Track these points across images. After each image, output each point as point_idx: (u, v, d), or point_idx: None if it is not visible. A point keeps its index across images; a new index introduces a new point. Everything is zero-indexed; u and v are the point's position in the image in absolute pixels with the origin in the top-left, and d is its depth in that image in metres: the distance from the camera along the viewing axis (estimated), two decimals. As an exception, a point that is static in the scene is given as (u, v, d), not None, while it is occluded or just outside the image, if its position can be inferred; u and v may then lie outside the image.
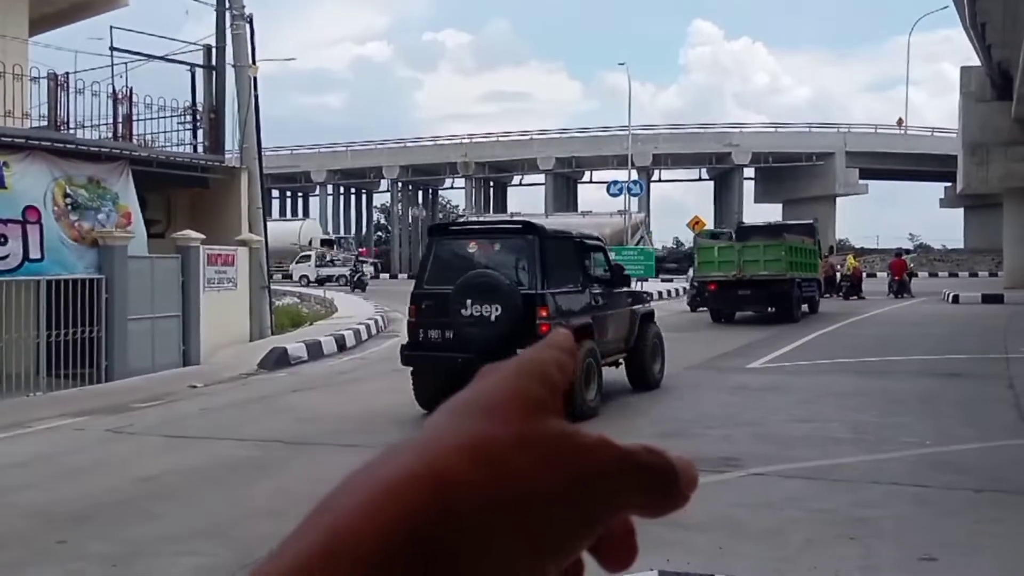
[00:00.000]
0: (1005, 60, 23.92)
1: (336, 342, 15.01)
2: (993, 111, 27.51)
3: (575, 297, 9.02)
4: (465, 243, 9.23)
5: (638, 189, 35.61)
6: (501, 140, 57.06)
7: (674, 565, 4.29)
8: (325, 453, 7.31)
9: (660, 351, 10.57)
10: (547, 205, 55.61)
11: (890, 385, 10.32)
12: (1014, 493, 5.61)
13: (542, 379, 0.42)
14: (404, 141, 60.55)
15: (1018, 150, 27.24)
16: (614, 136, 50.73)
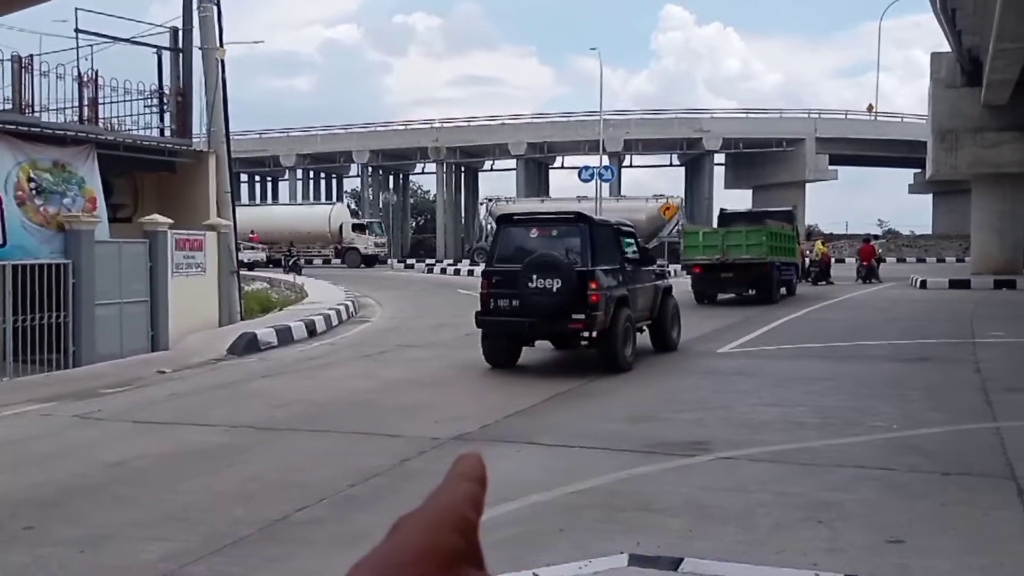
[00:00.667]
0: (975, 46, 24.16)
1: (306, 327, 14.93)
2: (963, 97, 27.75)
3: (614, 273, 10.75)
4: (527, 230, 11.04)
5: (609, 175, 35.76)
6: (472, 125, 56.82)
7: (644, 548, 4.34)
8: (295, 439, 7.30)
9: (677, 320, 12.60)
10: (518, 190, 55.54)
11: (858, 369, 10.46)
12: (980, 476, 5.70)
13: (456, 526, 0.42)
14: (374, 125, 60.11)
15: (987, 136, 27.57)
16: (585, 121, 50.74)
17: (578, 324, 10.12)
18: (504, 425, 7.54)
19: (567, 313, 10.01)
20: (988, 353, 11.56)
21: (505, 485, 5.61)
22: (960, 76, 27.70)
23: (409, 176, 69.66)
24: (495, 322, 10.58)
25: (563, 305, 9.90)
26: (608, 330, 10.28)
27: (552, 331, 10.56)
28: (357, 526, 4.93)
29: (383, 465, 6.22)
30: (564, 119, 55.70)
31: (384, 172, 64.11)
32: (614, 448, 6.62)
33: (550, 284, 9.93)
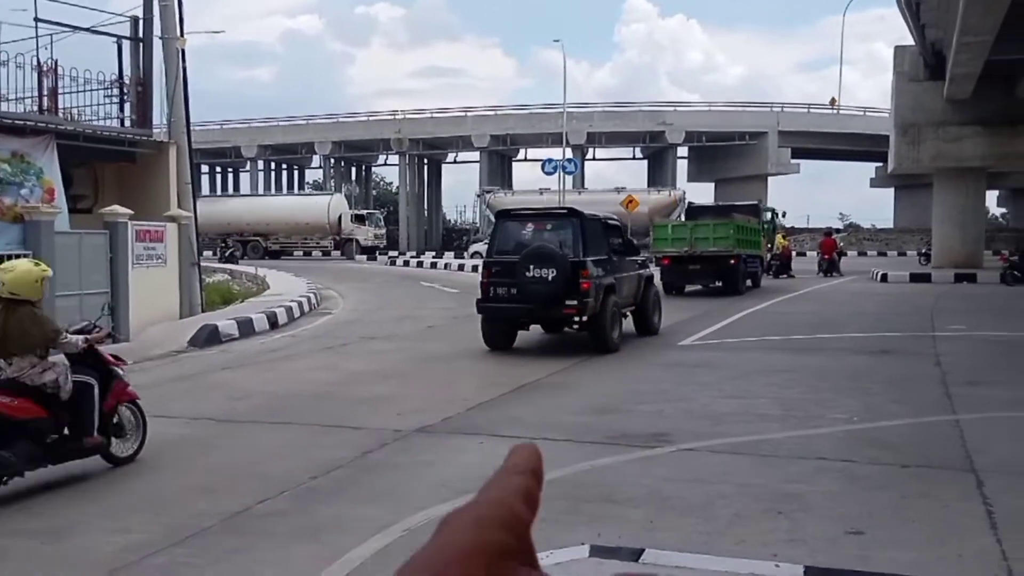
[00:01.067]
0: (939, 40, 24.51)
1: (268, 319, 14.80)
2: (926, 91, 28.13)
3: (603, 263, 11.61)
4: (524, 224, 11.93)
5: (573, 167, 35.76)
6: (435, 116, 56.65)
7: (605, 540, 4.36)
8: (256, 431, 7.27)
9: (658, 306, 13.63)
10: (481, 182, 55.49)
11: (819, 362, 10.60)
12: (940, 468, 5.79)
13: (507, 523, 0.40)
14: (336, 116, 59.66)
15: (950, 130, 27.99)
16: (549, 114, 50.82)
17: (571, 309, 11.11)
18: (467, 417, 7.54)
19: (561, 300, 10.98)
20: (948, 346, 11.78)
21: (468, 477, 5.62)
22: (923, 70, 28.07)
23: (372, 168, 69.31)
24: (495, 308, 11.52)
25: (558, 292, 10.88)
26: (598, 315, 11.26)
27: (547, 316, 11.50)
28: (319, 518, 4.92)
29: (345, 457, 6.20)
30: (527, 111, 55.74)
31: (346, 164, 63.71)
32: (577, 440, 6.65)
33: (546, 273, 10.90)
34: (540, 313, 11.39)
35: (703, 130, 53.11)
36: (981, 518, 4.74)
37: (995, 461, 5.87)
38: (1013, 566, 4.04)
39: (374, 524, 4.72)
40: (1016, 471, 5.65)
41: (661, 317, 13.67)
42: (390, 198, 77.08)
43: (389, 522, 4.74)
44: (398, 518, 4.80)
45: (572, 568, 3.92)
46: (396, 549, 4.38)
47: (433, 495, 5.23)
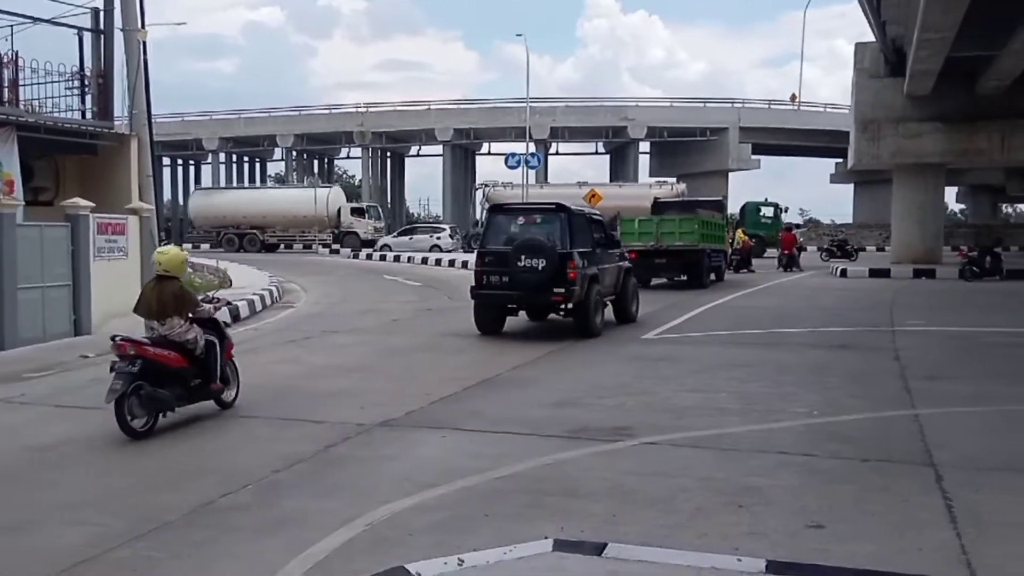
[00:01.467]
0: (900, 36, 24.84)
1: (230, 313, 14.60)
2: (886, 87, 28.51)
3: (588, 255, 12.43)
4: (515, 217, 12.90)
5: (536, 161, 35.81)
6: (398, 109, 56.41)
7: (568, 534, 4.36)
8: (219, 424, 7.20)
9: (636, 296, 14.56)
10: (445, 176, 55.36)
11: (779, 356, 10.70)
12: (899, 462, 5.85)
13: None
14: (299, 109, 59.15)
15: (909, 126, 28.39)
16: (512, 108, 50.83)
17: (559, 297, 12.01)
18: (430, 411, 7.51)
19: (550, 288, 11.85)
20: (907, 341, 11.96)
21: (430, 471, 5.60)
22: (884, 66, 28.44)
23: (334, 161, 68.83)
24: (487, 295, 12.39)
25: (546, 281, 11.76)
26: (582, 302, 12.19)
27: (537, 303, 12.47)
28: (281, 512, 4.88)
29: (307, 451, 6.15)
30: (491, 105, 55.68)
31: (309, 156, 63.19)
32: (539, 434, 6.65)
33: (536, 263, 11.77)
34: (530, 300, 12.31)
35: (665, 125, 53.45)
36: (940, 512, 4.80)
37: (953, 456, 5.95)
38: (972, 559, 4.10)
39: (337, 518, 4.68)
40: (974, 466, 5.74)
41: (639, 306, 14.58)
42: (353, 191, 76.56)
43: (352, 516, 4.71)
44: (361, 512, 4.77)
45: (535, 563, 3.91)
46: (359, 543, 4.35)
47: (396, 489, 5.20)
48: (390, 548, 4.26)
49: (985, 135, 28.08)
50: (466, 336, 12.58)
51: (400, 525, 4.61)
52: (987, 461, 5.88)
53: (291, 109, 58.85)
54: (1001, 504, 4.95)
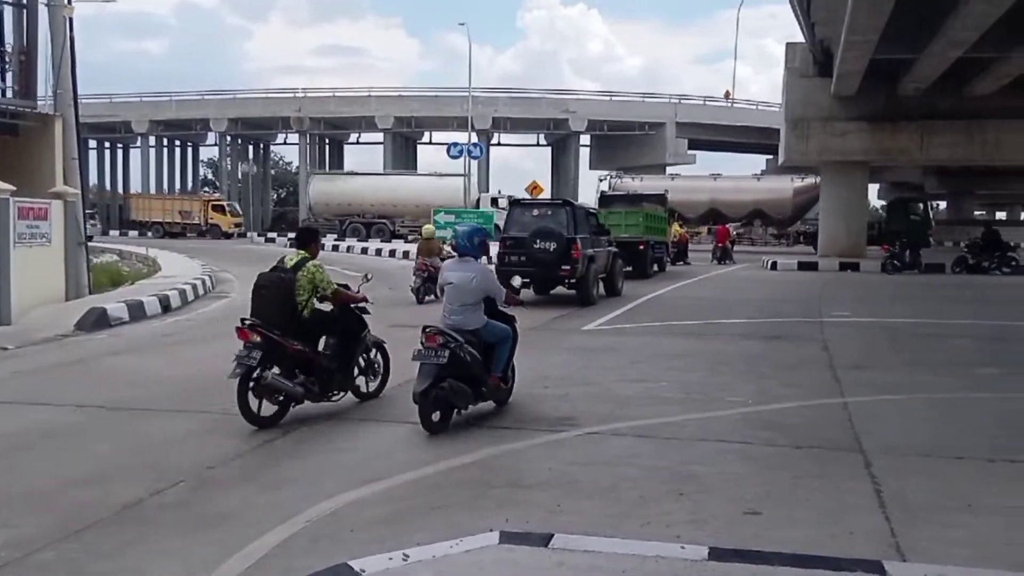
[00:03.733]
0: (827, 38, 25.37)
1: (160, 303, 14.24)
2: (815, 87, 29.18)
3: (588, 240, 15.81)
4: (531, 210, 16.46)
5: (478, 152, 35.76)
6: (338, 96, 55.57)
7: (514, 525, 4.35)
8: (150, 419, 6.96)
9: (621, 274, 18.09)
10: (385, 164, 54.84)
11: (716, 347, 10.87)
12: (831, 449, 6.01)
13: None
14: (234, 92, 57.80)
15: (836, 125, 29.14)
16: (454, 97, 50.56)
17: (565, 272, 15.19)
18: (374, 403, 7.41)
19: (558, 265, 15.06)
20: (835, 332, 12.27)
21: (374, 465, 5.52)
22: (813, 66, 29.05)
23: (270, 146, 67.59)
24: (508, 272, 13.81)
25: (556, 260, 15.00)
26: (583, 277, 15.35)
27: (548, 276, 15.41)
28: (218, 508, 4.75)
29: (245, 446, 6.02)
30: (432, 94, 55.32)
31: (243, 141, 61.93)
32: (484, 425, 6.62)
33: (548, 246, 15.02)
34: (543, 274, 15.25)
35: (605, 119, 53.83)
36: (870, 497, 4.93)
37: (881, 442, 6.13)
38: (901, 542, 4.22)
39: (276, 514, 4.57)
40: (900, 452, 5.91)
41: (623, 283, 17.97)
42: (289, 178, 75.40)
43: (292, 512, 4.60)
44: (302, 508, 4.67)
45: (482, 555, 3.89)
46: (300, 540, 4.26)
47: (339, 483, 5.11)
48: (332, 544, 4.18)
49: (906, 135, 28.98)
50: (408, 328, 12.44)
51: (342, 520, 4.53)
52: (912, 447, 6.08)
53: (225, 92, 57.51)
54: (926, 488, 5.12)
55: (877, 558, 3.95)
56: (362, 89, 56.22)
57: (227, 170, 59.95)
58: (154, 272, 20.38)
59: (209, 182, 75.38)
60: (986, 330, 13.08)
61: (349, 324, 7.30)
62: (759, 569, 3.79)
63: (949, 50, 21.68)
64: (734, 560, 3.87)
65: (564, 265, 15.00)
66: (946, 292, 19.79)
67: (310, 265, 6.94)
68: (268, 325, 6.65)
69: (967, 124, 28.39)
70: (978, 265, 25.98)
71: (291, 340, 6.70)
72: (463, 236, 7.07)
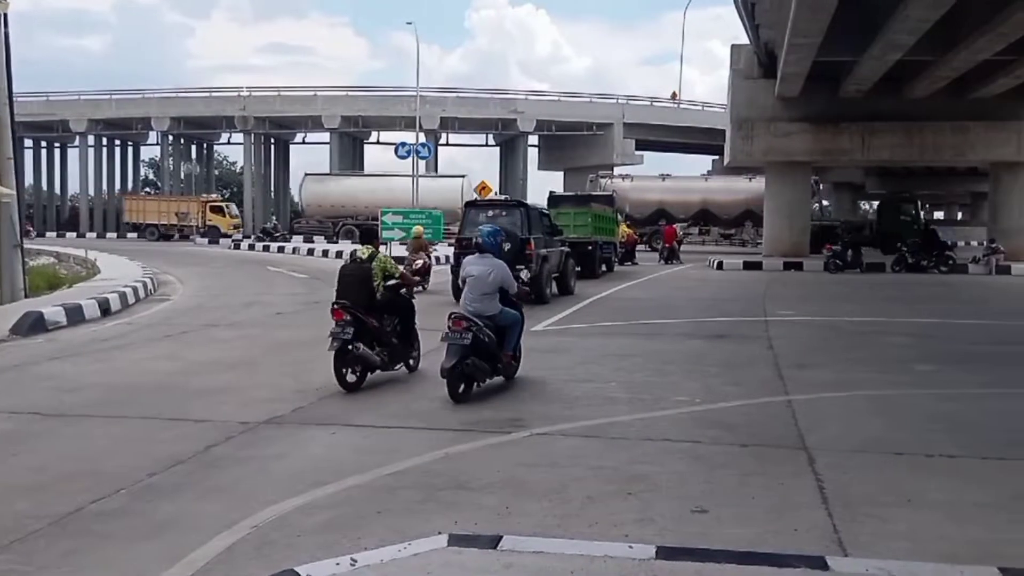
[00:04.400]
0: (772, 40, 25.81)
1: (99, 306, 13.90)
2: (759, 88, 29.69)
3: (541, 239, 16.33)
4: (485, 210, 16.57)
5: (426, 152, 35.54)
6: (283, 95, 54.88)
7: (462, 528, 4.34)
8: (88, 425, 6.76)
9: (574, 273, 18.62)
10: (332, 164, 54.32)
11: (663, 346, 10.99)
12: (775, 447, 6.11)
13: None
14: (176, 91, 56.75)
15: (780, 126, 29.66)
16: (402, 97, 50.30)
17: (520, 271, 14.50)
18: (319, 407, 7.34)
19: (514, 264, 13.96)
20: (779, 330, 12.49)
21: (319, 469, 5.46)
22: (757, 68, 29.54)
23: (214, 146, 66.48)
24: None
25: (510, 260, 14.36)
26: (537, 275, 15.60)
27: None
28: (158, 517, 4.64)
29: (187, 452, 5.88)
30: (380, 94, 54.94)
31: (186, 141, 60.80)
32: (431, 427, 6.60)
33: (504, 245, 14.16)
34: None
35: (553, 119, 54.02)
36: (813, 493, 5.03)
37: (824, 439, 6.26)
38: (843, 537, 4.31)
39: (219, 522, 4.49)
40: (843, 448, 6.04)
41: (576, 282, 18.53)
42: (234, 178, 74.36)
43: (236, 519, 4.52)
44: (245, 514, 4.59)
45: (430, 559, 3.87)
46: (244, 547, 4.19)
47: (283, 489, 5.04)
48: (278, 551, 4.12)
49: (847, 136, 29.63)
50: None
51: (288, 526, 4.47)
52: (854, 443, 6.22)
53: (167, 91, 56.42)
54: (867, 483, 5.25)
55: (820, 553, 4.02)
56: (308, 88, 55.62)
57: (169, 170, 58.79)
58: (93, 275, 19.90)
59: (151, 182, 73.93)
60: (924, 327, 13.45)
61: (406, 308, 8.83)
62: (705, 567, 3.83)
63: (888, 53, 22.23)
64: (681, 558, 3.92)
65: (518, 264, 14.99)
66: (886, 291, 20.30)
67: (380, 256, 8.54)
68: (353, 306, 8.07)
69: (906, 126, 29.13)
70: (917, 264, 26.74)
71: (369, 318, 8.12)
72: (486, 236, 8.38)
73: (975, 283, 23.32)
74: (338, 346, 7.87)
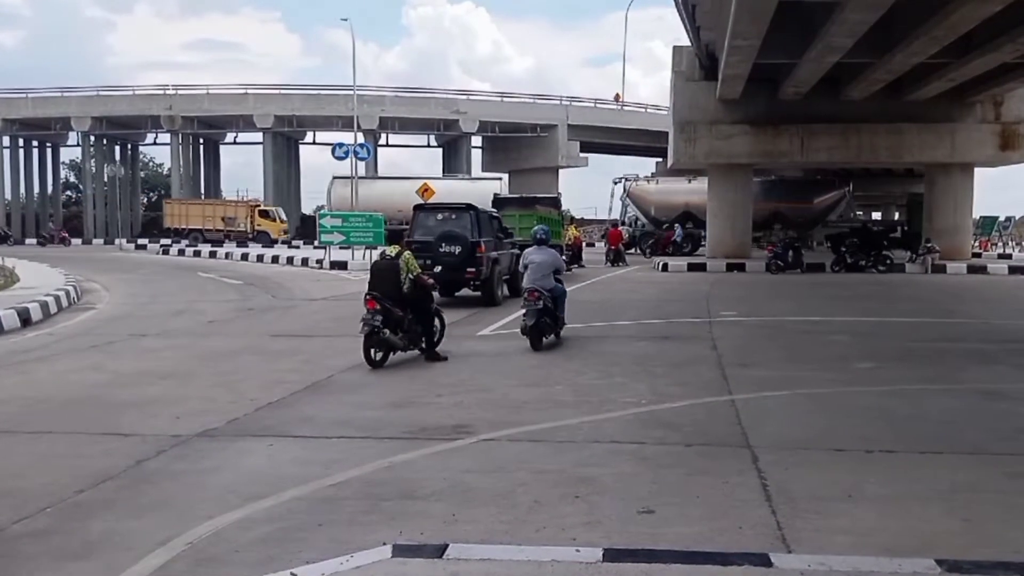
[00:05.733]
0: (712, 42, 26.24)
1: (19, 316, 13.53)
2: (701, 90, 30.08)
3: (492, 242, 16.80)
4: (435, 213, 17.06)
5: (365, 153, 35.29)
6: (212, 93, 54.02)
7: (407, 538, 4.35)
8: (8, 442, 6.56)
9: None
10: (266, 165, 53.67)
11: (609, 348, 11.12)
12: (719, 445, 6.26)
13: None
14: (97, 89, 55.43)
15: (721, 128, 30.13)
16: (338, 96, 49.89)
17: (471, 274, 16.07)
18: (255, 418, 7.25)
19: (464, 267, 15.90)
20: (723, 331, 12.74)
21: (257, 482, 5.41)
22: (699, 70, 29.99)
23: (139, 147, 65.12)
24: None
25: (461, 262, 15.82)
26: (488, 278, 16.34)
27: (454, 279, 16.17)
28: (88, 536, 4.54)
29: (116, 467, 5.76)
30: (315, 92, 54.45)
31: (109, 142, 59.44)
32: (374, 436, 6.58)
33: (453, 249, 15.82)
34: (449, 276, 15.89)
35: (496, 120, 54.19)
36: (757, 491, 5.16)
37: (766, 437, 6.43)
38: (786, 534, 4.43)
39: (153, 539, 4.42)
40: (785, 446, 6.21)
41: None
42: (161, 181, 72.83)
43: (170, 536, 4.45)
44: (181, 530, 4.52)
45: (373, 570, 3.87)
46: (180, 564, 4.13)
47: (219, 503, 4.98)
48: (215, 567, 4.07)
49: (787, 137, 30.23)
50: (292, 337, 12.27)
51: (225, 541, 4.41)
52: (796, 441, 6.41)
53: (88, 89, 55.08)
54: (809, 480, 5.41)
55: (764, 551, 4.14)
56: (239, 86, 54.82)
57: (91, 172, 57.37)
58: (12, 283, 19.31)
59: (72, 185, 72.02)
60: (862, 326, 13.86)
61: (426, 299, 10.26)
62: (651, 568, 3.91)
63: (827, 55, 22.79)
64: (627, 560, 3.99)
65: (469, 268, 15.87)
66: (826, 290, 20.84)
67: (406, 254, 10.12)
68: (383, 297, 9.66)
69: (844, 127, 29.86)
70: (856, 264, 27.48)
71: (396, 308, 9.72)
72: (541, 232, 11.75)
73: (912, 282, 24.07)
74: (368, 330, 9.51)
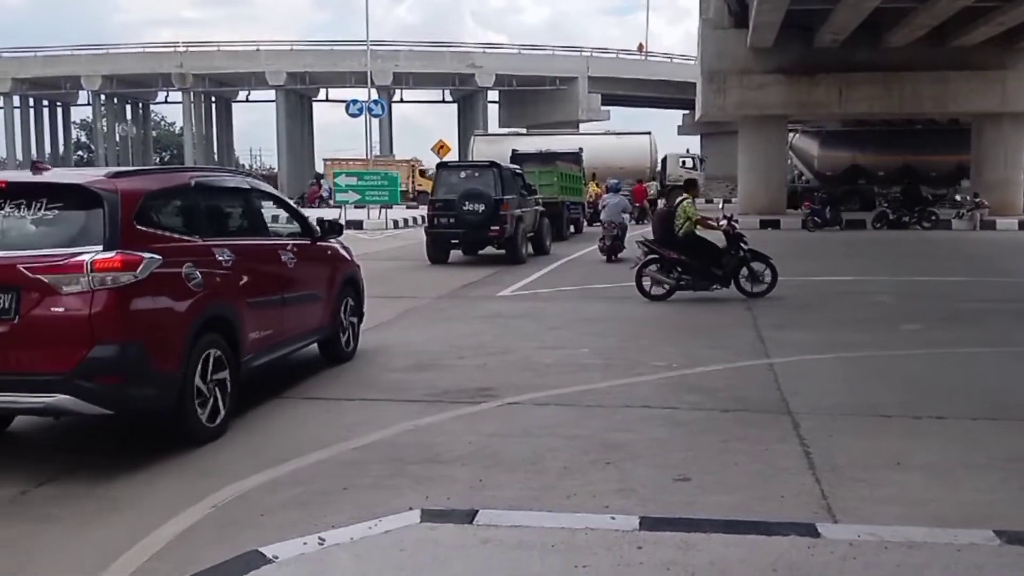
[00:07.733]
0: (742, -13, 25.86)
1: None
2: (730, 39, 29.53)
3: (516, 200, 17.09)
4: (459, 171, 17.46)
5: (379, 110, 35.16)
6: (223, 50, 53.85)
7: (434, 503, 4.33)
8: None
9: (549, 233, 19.61)
10: (279, 124, 53.61)
11: (635, 310, 11.05)
12: (755, 411, 6.16)
13: None
14: (107, 47, 55.43)
15: (753, 78, 29.59)
16: (351, 51, 49.61)
17: (495, 232, 16.34)
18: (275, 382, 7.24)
19: (487, 225, 16.21)
20: (756, 291, 12.57)
21: (280, 445, 5.41)
22: (728, 17, 29.45)
23: (150, 105, 65.23)
24: (438, 233, 16.85)
25: (485, 220, 16.18)
26: (512, 236, 16.57)
27: (477, 237, 16.61)
28: (113, 497, 4.57)
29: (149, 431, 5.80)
30: (328, 47, 54.19)
31: (120, 101, 59.57)
32: (397, 399, 6.57)
33: (477, 207, 16.14)
34: (472, 235, 16.51)
35: (513, 74, 53.65)
36: (799, 459, 5.08)
37: (807, 402, 6.32)
38: (832, 503, 4.36)
39: (178, 500, 4.43)
40: (828, 412, 6.11)
41: (552, 242, 19.55)
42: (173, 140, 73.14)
43: (195, 498, 4.47)
44: (204, 493, 4.54)
45: (403, 535, 3.85)
46: (205, 527, 4.14)
47: (243, 466, 4.99)
48: (240, 530, 4.08)
49: (823, 88, 29.66)
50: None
51: (250, 505, 4.43)
52: (839, 406, 6.29)
53: (98, 47, 55.11)
54: (854, 447, 5.30)
55: (809, 520, 4.07)
56: (250, 43, 54.65)
57: (103, 132, 57.58)
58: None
59: (83, 145, 72.40)
60: (908, 286, 13.64)
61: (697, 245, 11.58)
62: (691, 536, 3.86)
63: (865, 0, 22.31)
64: (666, 529, 3.94)
65: (493, 226, 16.10)
66: (868, 248, 20.55)
67: (684, 203, 11.50)
68: (655, 241, 11.57)
69: (885, 76, 29.19)
70: (899, 220, 27.01)
71: (668, 250, 11.29)
72: (613, 186, 17.65)
73: (959, 239, 23.68)
74: (637, 267, 11.62)
